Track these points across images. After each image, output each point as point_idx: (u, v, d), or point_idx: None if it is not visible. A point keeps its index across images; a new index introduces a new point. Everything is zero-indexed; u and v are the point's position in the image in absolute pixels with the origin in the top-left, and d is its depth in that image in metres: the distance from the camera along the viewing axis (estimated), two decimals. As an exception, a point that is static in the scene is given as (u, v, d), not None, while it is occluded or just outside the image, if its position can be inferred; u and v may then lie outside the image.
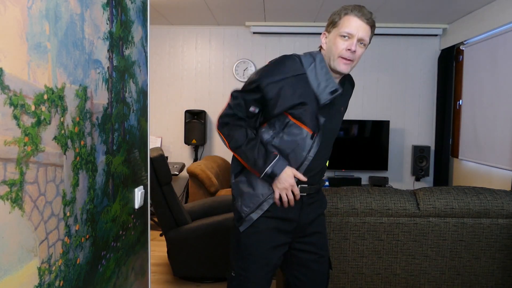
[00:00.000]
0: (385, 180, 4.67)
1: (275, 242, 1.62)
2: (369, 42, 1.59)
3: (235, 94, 1.59)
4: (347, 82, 1.72)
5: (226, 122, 1.59)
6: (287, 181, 1.54)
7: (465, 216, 2.07)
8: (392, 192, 2.15)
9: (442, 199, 2.08)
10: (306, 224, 1.66)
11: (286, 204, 1.58)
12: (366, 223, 2.09)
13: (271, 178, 1.54)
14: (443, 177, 4.61)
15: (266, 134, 1.60)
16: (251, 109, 1.58)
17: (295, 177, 1.56)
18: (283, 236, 1.64)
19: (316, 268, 1.70)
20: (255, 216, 1.60)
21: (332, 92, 1.55)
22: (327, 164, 1.75)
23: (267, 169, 1.52)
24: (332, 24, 1.58)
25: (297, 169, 1.58)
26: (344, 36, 1.52)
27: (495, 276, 2.10)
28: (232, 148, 1.59)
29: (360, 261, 2.12)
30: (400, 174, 4.92)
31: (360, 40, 1.53)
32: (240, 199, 1.64)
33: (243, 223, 1.62)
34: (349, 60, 1.54)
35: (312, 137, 1.56)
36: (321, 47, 1.62)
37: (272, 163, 1.52)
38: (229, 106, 1.59)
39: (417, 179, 4.83)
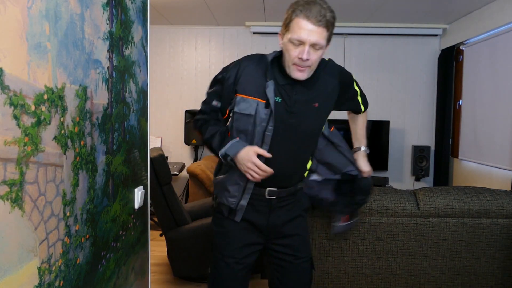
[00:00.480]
0: (385, 180, 4.67)
1: (245, 241, 1.62)
2: (328, 42, 1.46)
3: (206, 94, 1.66)
4: (323, 74, 1.58)
5: (197, 119, 1.66)
6: (244, 159, 1.47)
7: (465, 216, 2.07)
8: (392, 192, 2.15)
9: (442, 199, 2.08)
10: (278, 226, 1.63)
11: (256, 180, 1.50)
12: (366, 223, 2.09)
13: (229, 160, 1.52)
14: (443, 177, 4.61)
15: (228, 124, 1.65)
16: (214, 103, 1.60)
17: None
18: (254, 236, 1.63)
19: (294, 269, 1.68)
20: (244, 202, 1.58)
21: (276, 56, 1.50)
22: (308, 166, 1.68)
23: (220, 151, 1.52)
24: (284, 26, 1.44)
25: (261, 144, 1.51)
26: (295, 42, 1.40)
27: (495, 276, 2.10)
28: (203, 141, 1.63)
29: (360, 261, 2.12)
30: (400, 174, 4.92)
31: (313, 45, 1.40)
32: (224, 194, 1.62)
33: (237, 213, 1.60)
34: (304, 67, 1.44)
35: (266, 106, 1.48)
36: None
37: (227, 146, 1.51)
38: (201, 106, 1.68)
39: (417, 179, 4.83)
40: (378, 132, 4.75)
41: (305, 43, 1.38)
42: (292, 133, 1.53)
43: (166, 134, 5.03)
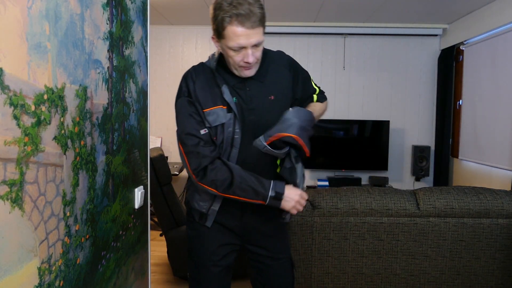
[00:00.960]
0: (385, 180, 4.67)
1: (219, 242, 1.58)
2: (264, 33, 1.39)
3: (182, 138, 1.45)
4: (273, 66, 1.53)
5: (204, 166, 1.42)
6: (293, 194, 1.44)
7: (465, 216, 2.07)
8: (392, 192, 2.15)
9: (442, 199, 2.08)
10: (252, 228, 1.59)
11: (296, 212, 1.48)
12: (366, 223, 2.09)
13: (277, 199, 1.43)
14: (443, 177, 4.61)
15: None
16: (202, 132, 1.44)
17: None
18: (228, 237, 1.59)
19: (273, 271, 1.64)
20: (216, 207, 1.54)
21: (216, 60, 1.46)
22: (278, 162, 1.59)
23: (270, 193, 1.42)
24: (217, 32, 1.38)
25: (230, 149, 1.47)
26: (236, 49, 1.36)
27: (495, 276, 2.10)
28: (223, 192, 1.43)
29: (360, 261, 2.12)
30: (400, 174, 4.92)
31: (255, 46, 1.36)
32: (195, 197, 1.58)
33: (208, 218, 1.56)
34: (250, 65, 1.40)
35: (229, 111, 1.44)
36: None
37: (272, 184, 1.43)
38: (188, 154, 1.45)
39: (417, 179, 4.83)
40: (378, 132, 4.75)
41: (247, 47, 1.35)
42: (255, 130, 1.48)
43: (166, 134, 5.03)
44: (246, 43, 1.34)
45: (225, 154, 1.49)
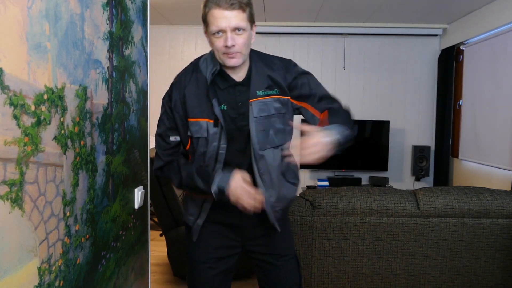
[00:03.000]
0: (385, 180, 4.67)
1: (216, 244, 1.55)
2: (252, 24, 1.42)
3: (155, 138, 1.53)
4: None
5: (160, 166, 1.51)
6: (236, 189, 1.37)
7: (465, 216, 2.07)
8: (392, 192, 2.15)
9: (442, 199, 2.08)
10: (252, 226, 1.55)
11: (248, 211, 1.41)
12: (366, 223, 2.09)
13: (222, 194, 1.39)
14: (443, 177, 4.61)
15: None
16: (172, 139, 1.49)
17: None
18: (227, 239, 1.55)
19: (279, 270, 1.59)
20: (200, 221, 1.52)
21: (213, 73, 1.44)
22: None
23: (213, 188, 1.39)
24: (203, 23, 1.42)
25: (215, 163, 1.45)
26: (217, 33, 1.37)
27: (495, 276, 2.10)
28: (178, 187, 1.52)
29: (360, 261, 2.12)
30: (400, 174, 4.92)
31: (234, 30, 1.35)
32: (185, 211, 1.58)
33: (193, 233, 1.54)
34: (233, 53, 1.38)
35: (215, 125, 1.42)
36: None
37: (217, 179, 1.40)
38: (155, 154, 1.53)
39: (417, 179, 4.83)
40: (378, 132, 4.75)
41: (226, 30, 1.35)
42: (244, 141, 1.46)
43: (166, 134, 5.02)
44: (224, 26, 1.34)
45: (209, 168, 1.46)
